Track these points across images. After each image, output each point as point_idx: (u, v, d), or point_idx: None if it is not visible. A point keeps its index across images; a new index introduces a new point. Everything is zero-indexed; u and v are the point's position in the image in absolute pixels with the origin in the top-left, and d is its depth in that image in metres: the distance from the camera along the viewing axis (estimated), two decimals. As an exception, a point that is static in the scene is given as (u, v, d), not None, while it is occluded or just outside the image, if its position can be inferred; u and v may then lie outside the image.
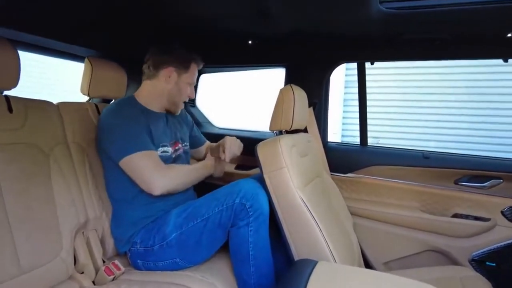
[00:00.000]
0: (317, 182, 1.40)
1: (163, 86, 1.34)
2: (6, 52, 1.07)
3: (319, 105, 1.72)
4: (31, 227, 1.06)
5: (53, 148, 1.19)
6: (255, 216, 1.12)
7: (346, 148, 1.81)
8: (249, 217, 1.11)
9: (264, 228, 1.14)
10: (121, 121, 1.22)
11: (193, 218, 1.15)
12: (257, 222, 1.12)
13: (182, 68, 1.34)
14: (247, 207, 1.11)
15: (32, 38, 1.34)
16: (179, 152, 1.39)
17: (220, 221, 1.13)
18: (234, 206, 1.11)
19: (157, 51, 1.34)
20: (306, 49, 1.66)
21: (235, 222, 1.13)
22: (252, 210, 1.11)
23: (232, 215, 1.11)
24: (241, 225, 1.12)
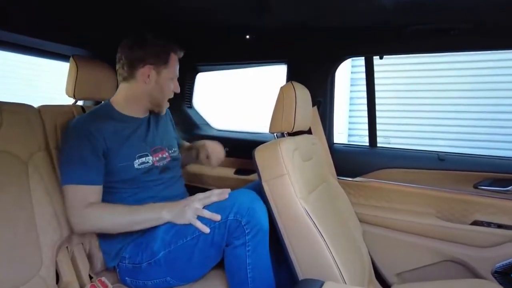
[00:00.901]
0: (322, 189, 1.28)
1: (142, 88, 1.18)
2: None
3: (323, 104, 1.59)
4: (5, 243, 0.96)
5: (32, 155, 1.09)
6: (252, 234, 0.98)
7: (354, 149, 1.68)
8: (246, 235, 0.98)
9: (263, 247, 1.02)
10: (69, 143, 1.09)
11: (182, 236, 1.02)
12: (255, 240, 0.99)
13: (161, 63, 1.17)
14: (242, 224, 0.97)
15: (11, 37, 1.24)
16: (165, 161, 1.25)
17: (213, 240, 1.00)
18: (227, 223, 0.98)
19: (128, 47, 1.17)
20: (309, 44, 1.53)
21: (230, 241, 1.00)
22: (248, 227, 0.98)
23: (226, 233, 0.98)
24: (237, 244, 0.99)
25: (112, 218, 1.06)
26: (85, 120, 1.12)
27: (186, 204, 1.03)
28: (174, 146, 1.34)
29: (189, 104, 1.99)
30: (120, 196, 1.15)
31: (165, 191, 1.22)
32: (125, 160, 1.13)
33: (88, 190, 1.06)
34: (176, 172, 1.31)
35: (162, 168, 1.23)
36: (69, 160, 1.07)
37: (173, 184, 1.27)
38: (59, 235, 1.09)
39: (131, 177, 1.14)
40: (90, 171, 1.07)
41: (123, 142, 1.14)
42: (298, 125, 1.20)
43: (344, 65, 4.67)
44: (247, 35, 1.49)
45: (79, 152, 1.06)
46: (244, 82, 4.85)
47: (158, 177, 1.21)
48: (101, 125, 1.11)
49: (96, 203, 1.07)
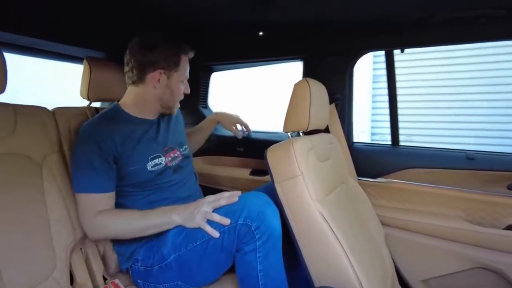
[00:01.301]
0: (341, 190, 1.22)
1: (152, 92, 1.16)
2: None
3: (342, 101, 1.52)
4: (19, 245, 0.97)
5: (46, 157, 1.10)
6: (263, 239, 0.93)
7: (375, 149, 1.60)
8: (256, 241, 0.93)
9: (275, 253, 0.96)
10: (78, 150, 1.08)
11: (192, 240, 0.99)
12: (266, 246, 0.93)
13: (171, 67, 1.15)
14: (252, 229, 0.92)
15: (25, 40, 1.26)
16: (177, 160, 1.22)
17: (223, 245, 0.96)
18: (237, 227, 0.94)
19: (138, 49, 1.13)
20: (325, 38, 1.47)
21: (240, 246, 0.95)
22: (259, 233, 0.93)
23: (236, 238, 0.94)
24: (247, 250, 0.94)
25: (123, 225, 1.05)
26: (94, 126, 1.10)
27: (196, 207, 0.99)
28: (185, 144, 1.32)
29: (204, 104, 1.97)
30: (133, 199, 1.13)
31: (179, 191, 1.20)
32: (138, 163, 1.11)
33: (98, 198, 1.05)
34: (188, 171, 1.29)
35: (175, 168, 1.21)
36: (79, 168, 1.06)
37: (186, 183, 1.25)
38: (72, 237, 1.09)
39: (144, 180, 1.12)
40: (100, 178, 1.05)
41: (134, 145, 1.12)
42: (313, 123, 1.15)
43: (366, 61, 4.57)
44: (260, 32, 1.45)
45: (88, 159, 1.05)
46: (260, 80, 4.79)
47: (171, 178, 1.19)
48: (111, 130, 1.09)
49: (107, 211, 1.06)
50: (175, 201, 1.15)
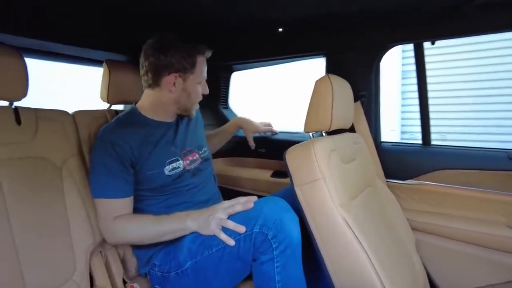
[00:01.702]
0: (367, 194, 1.15)
1: (168, 96, 1.13)
2: (12, 60, 1.00)
3: (368, 98, 1.44)
4: (40, 247, 0.98)
5: (66, 160, 1.11)
6: (280, 249, 0.87)
7: (405, 148, 1.49)
8: (273, 250, 0.88)
9: (294, 263, 0.90)
10: (96, 155, 1.07)
11: (208, 247, 0.95)
12: (284, 256, 0.88)
13: (187, 69, 1.10)
14: (269, 237, 0.87)
15: (43, 44, 1.27)
16: (196, 163, 1.20)
17: (239, 253, 0.91)
18: (252, 235, 0.89)
19: (151, 52, 1.10)
20: (349, 32, 1.38)
21: (257, 256, 0.90)
22: (276, 242, 0.87)
23: (252, 247, 0.89)
24: (264, 260, 0.89)
25: (138, 231, 1.03)
26: (111, 130, 1.09)
27: (211, 214, 0.95)
28: (204, 146, 1.29)
29: (225, 105, 1.94)
30: (150, 203, 1.12)
31: (198, 194, 1.18)
32: (155, 167, 1.09)
33: (115, 203, 1.04)
34: (208, 173, 1.26)
35: (193, 171, 1.18)
36: (96, 173, 1.06)
37: (205, 186, 1.22)
38: (92, 240, 1.09)
39: (162, 184, 1.10)
40: (117, 184, 1.05)
41: (151, 149, 1.10)
42: (336, 123, 1.08)
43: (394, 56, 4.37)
44: (280, 28, 1.39)
45: (105, 165, 1.04)
46: (283, 78, 4.70)
47: (190, 181, 1.16)
48: (127, 135, 1.07)
49: (124, 216, 1.05)
50: (193, 205, 1.13)
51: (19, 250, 0.94)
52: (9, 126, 1.01)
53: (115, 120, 1.15)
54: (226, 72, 1.87)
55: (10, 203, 0.95)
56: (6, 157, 0.97)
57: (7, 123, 1.01)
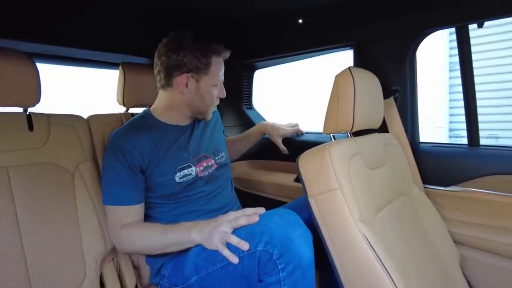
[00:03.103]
0: (399, 204, 1.00)
1: (181, 97, 1.07)
2: (25, 67, 1.00)
3: (402, 93, 1.27)
4: (49, 254, 0.97)
5: (78, 166, 1.09)
6: (288, 270, 0.77)
7: (447, 150, 1.30)
8: (279, 272, 0.78)
9: (305, 286, 0.79)
10: (106, 161, 1.05)
11: (212, 263, 0.88)
12: (292, 278, 0.78)
13: (200, 69, 1.04)
14: (274, 257, 0.77)
15: (58, 49, 1.28)
16: (211, 170, 1.13)
17: (243, 272, 0.82)
18: (256, 254, 0.79)
19: (164, 51, 1.05)
20: (379, 18, 1.22)
21: (262, 276, 0.80)
22: (282, 262, 0.77)
23: (256, 266, 0.80)
24: (270, 282, 0.79)
25: (144, 242, 0.99)
26: (121, 135, 1.05)
27: (215, 227, 0.87)
28: (222, 151, 1.21)
29: (248, 105, 1.85)
30: (159, 211, 1.08)
31: (210, 202, 1.11)
32: (165, 174, 1.04)
33: (124, 211, 1.01)
34: (224, 180, 1.18)
35: (207, 178, 1.11)
36: (106, 179, 1.03)
37: (219, 193, 1.15)
38: (103, 246, 1.07)
39: (172, 192, 1.05)
40: (126, 191, 1.01)
41: (162, 154, 1.05)
42: (360, 122, 0.95)
43: (440, 45, 3.99)
44: (300, 19, 1.27)
45: (114, 171, 1.01)
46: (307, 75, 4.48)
47: (202, 189, 1.10)
48: (138, 140, 1.03)
49: (133, 224, 1.01)
50: (205, 214, 1.07)
51: (28, 256, 0.94)
52: (21, 133, 1.02)
53: (127, 123, 1.12)
54: (249, 70, 1.78)
55: (20, 209, 0.95)
56: (17, 164, 0.98)
57: (19, 129, 1.02)
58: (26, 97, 1.02)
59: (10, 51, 0.98)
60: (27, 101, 1.02)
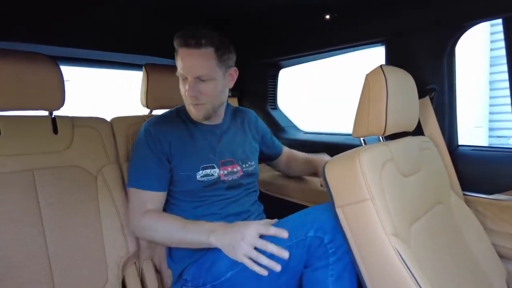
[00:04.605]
0: (436, 213, 0.92)
1: None
2: (50, 71, 1.01)
3: (439, 93, 1.17)
4: (72, 258, 0.98)
5: (101, 168, 1.09)
6: (338, 255, 0.80)
7: (490, 154, 1.17)
8: (329, 257, 0.80)
9: (351, 274, 0.81)
10: (136, 146, 1.06)
11: None
12: (340, 264, 0.80)
13: None
14: (325, 242, 0.80)
15: (80, 52, 1.28)
16: (235, 176, 1.09)
17: (289, 263, 0.82)
18: (307, 241, 0.81)
19: None
20: (414, 10, 1.12)
21: (310, 262, 0.82)
22: (333, 247, 0.80)
23: (305, 253, 0.81)
24: (318, 266, 0.82)
25: (164, 232, 0.98)
26: (153, 123, 1.07)
27: (236, 239, 0.84)
28: (251, 160, 1.17)
29: (273, 105, 1.80)
30: (179, 209, 1.06)
31: (230, 207, 1.08)
32: (188, 169, 1.03)
33: (147, 196, 1.02)
34: (249, 188, 1.15)
35: (230, 183, 1.08)
36: (133, 163, 1.05)
37: (240, 199, 1.11)
38: (125, 250, 1.07)
39: (192, 189, 1.04)
40: (151, 176, 1.02)
41: (188, 149, 1.05)
42: (393, 125, 0.88)
43: (480, 39, 3.72)
44: (327, 15, 1.20)
45: (143, 156, 1.03)
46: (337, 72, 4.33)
47: (223, 193, 1.07)
48: (168, 129, 1.05)
49: (154, 213, 1.01)
50: (223, 218, 1.04)
51: (52, 259, 0.95)
52: (46, 136, 1.03)
53: (161, 114, 1.13)
54: (273, 69, 1.72)
55: (44, 212, 0.96)
56: (42, 166, 0.99)
57: (44, 132, 1.03)
58: (51, 101, 1.03)
59: (35, 56, 0.99)
60: (52, 104, 1.03)
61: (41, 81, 0.99)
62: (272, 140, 1.33)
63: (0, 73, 0.93)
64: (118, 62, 1.46)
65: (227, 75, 1.06)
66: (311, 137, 1.66)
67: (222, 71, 1.03)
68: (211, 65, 0.99)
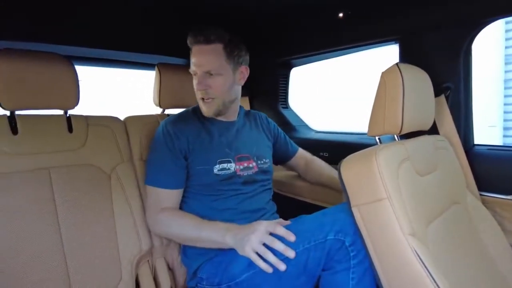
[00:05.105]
0: (452, 213, 0.91)
1: None
2: (65, 70, 1.03)
3: (454, 91, 1.15)
4: (87, 255, 0.99)
5: (115, 167, 1.10)
6: (359, 258, 0.79)
7: (508, 153, 1.16)
8: (350, 259, 0.79)
9: (372, 277, 0.80)
10: (153, 145, 1.09)
11: None
12: (362, 267, 0.79)
13: None
14: (346, 244, 0.79)
15: (93, 52, 1.30)
16: (251, 172, 1.11)
17: (306, 265, 0.82)
18: (326, 243, 0.80)
19: None
20: (430, 7, 1.10)
21: (330, 264, 0.81)
22: (354, 250, 0.79)
23: (324, 256, 0.80)
24: (339, 269, 0.81)
25: (179, 230, 1.00)
26: (171, 122, 1.09)
27: (247, 234, 0.85)
28: (266, 157, 1.19)
29: (284, 105, 1.79)
30: (197, 202, 1.07)
31: (245, 203, 1.09)
32: (205, 163, 1.05)
33: (164, 194, 1.04)
34: (263, 185, 1.16)
35: (246, 178, 1.10)
36: (151, 161, 1.07)
37: (256, 195, 1.12)
38: (138, 248, 1.07)
39: (209, 183, 1.06)
40: (168, 174, 1.04)
41: (205, 144, 1.07)
42: (409, 124, 0.86)
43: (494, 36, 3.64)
44: (340, 13, 1.19)
45: (161, 154, 1.05)
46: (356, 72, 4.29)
47: (239, 188, 1.08)
48: (185, 126, 1.07)
49: (170, 209, 1.03)
50: (239, 213, 1.06)
51: (68, 256, 0.96)
52: (61, 134, 1.04)
53: (178, 113, 1.16)
54: (284, 68, 1.72)
55: (60, 210, 0.97)
56: (58, 165, 1.00)
57: (60, 131, 1.04)
58: (66, 100, 1.04)
59: (51, 56, 1.01)
60: (67, 103, 1.05)
61: (57, 81, 1.01)
62: (285, 140, 1.34)
63: (18, 74, 0.94)
64: (130, 61, 1.47)
65: (237, 72, 1.08)
66: (323, 136, 1.65)
67: (231, 67, 1.05)
68: (219, 60, 1.03)
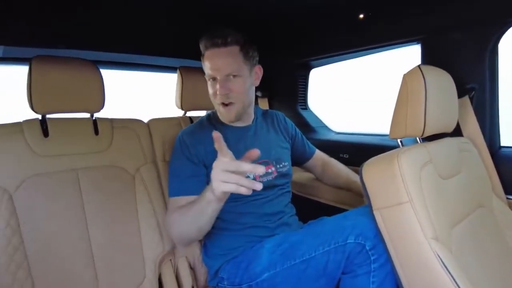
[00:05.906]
0: (477, 217, 0.89)
1: None
2: (92, 74, 1.07)
3: (479, 92, 1.12)
4: (112, 254, 1.03)
5: (139, 168, 1.14)
6: (380, 262, 0.78)
7: None
8: (371, 263, 0.79)
9: (393, 281, 0.79)
10: (173, 155, 1.08)
11: (291, 257, 0.87)
12: (383, 271, 0.78)
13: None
14: (367, 248, 0.78)
15: (117, 56, 1.34)
16: (271, 177, 1.10)
17: (326, 267, 0.82)
18: (346, 247, 0.80)
19: None
20: (453, 7, 1.08)
21: (350, 268, 0.81)
22: (375, 253, 0.78)
23: (344, 259, 0.80)
24: (360, 273, 0.80)
25: (181, 220, 0.94)
26: (186, 133, 1.09)
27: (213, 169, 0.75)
28: (284, 160, 1.18)
29: (304, 106, 1.79)
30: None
31: (264, 206, 1.09)
32: None
33: (183, 200, 1.01)
34: (283, 189, 1.16)
35: (265, 184, 1.08)
36: (172, 173, 1.06)
37: (274, 199, 1.12)
38: (161, 248, 1.10)
39: None
40: (188, 183, 1.02)
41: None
42: (432, 126, 0.85)
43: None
44: (361, 14, 1.18)
45: (180, 165, 1.04)
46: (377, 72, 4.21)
47: (259, 193, 1.07)
48: (200, 136, 1.06)
49: (177, 208, 1.00)
50: (260, 217, 1.07)
51: (95, 256, 0.99)
52: (88, 137, 1.08)
53: (195, 123, 1.16)
54: (304, 69, 1.71)
55: (87, 209, 1.01)
56: (85, 166, 1.04)
57: (87, 134, 1.08)
58: (92, 103, 1.08)
59: (79, 61, 1.05)
60: (93, 107, 1.08)
61: (84, 85, 1.05)
62: (303, 141, 1.33)
63: (48, 79, 0.98)
64: (152, 64, 1.51)
65: (253, 73, 1.08)
66: (343, 138, 1.64)
67: (248, 68, 1.05)
68: (238, 62, 1.02)
